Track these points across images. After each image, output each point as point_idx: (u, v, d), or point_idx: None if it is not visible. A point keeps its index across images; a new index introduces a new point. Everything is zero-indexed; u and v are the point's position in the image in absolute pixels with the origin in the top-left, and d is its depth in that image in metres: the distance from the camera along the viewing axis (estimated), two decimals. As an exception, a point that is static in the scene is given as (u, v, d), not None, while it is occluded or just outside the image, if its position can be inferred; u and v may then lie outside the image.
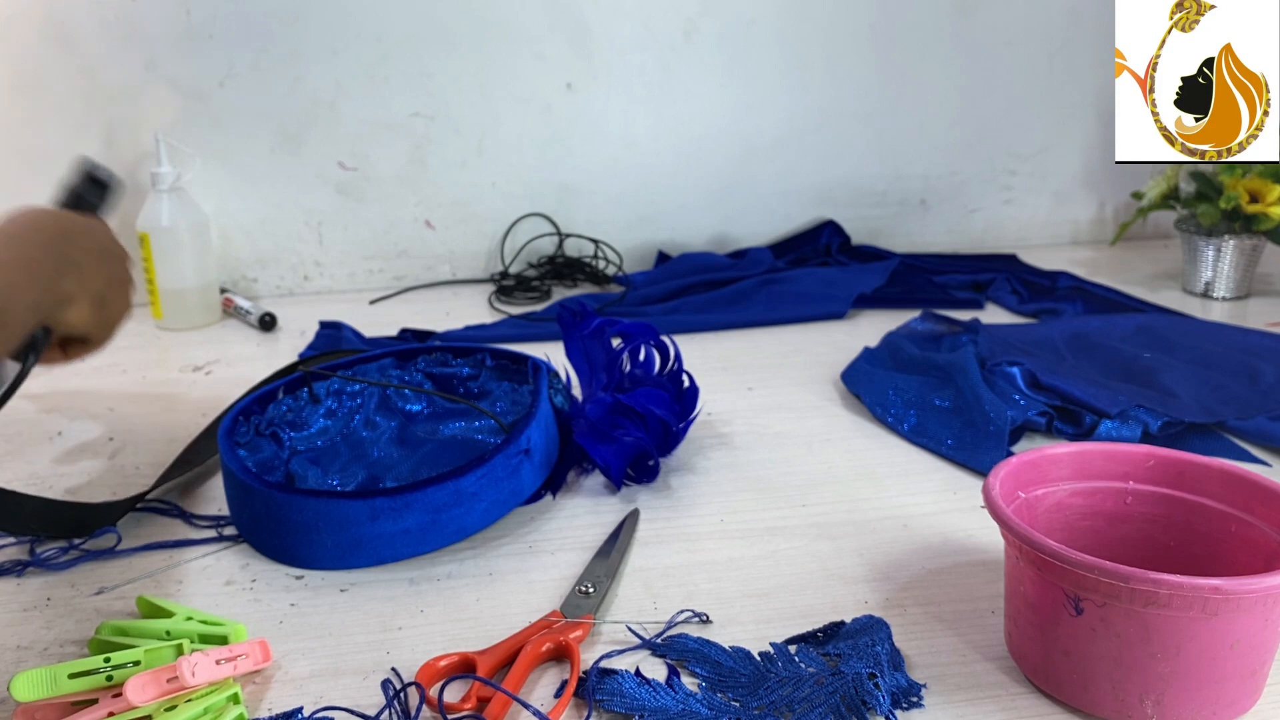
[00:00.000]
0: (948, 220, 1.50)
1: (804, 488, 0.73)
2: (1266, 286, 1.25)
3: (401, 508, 0.62)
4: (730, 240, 1.44)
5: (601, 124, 1.36)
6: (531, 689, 0.51)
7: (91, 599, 0.60)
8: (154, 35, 1.21)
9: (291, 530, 0.62)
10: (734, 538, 0.66)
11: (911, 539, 0.66)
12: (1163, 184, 1.26)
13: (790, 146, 1.42)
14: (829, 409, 0.89)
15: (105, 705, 0.47)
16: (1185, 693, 0.45)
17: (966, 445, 0.78)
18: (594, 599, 0.58)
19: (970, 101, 1.44)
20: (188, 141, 1.23)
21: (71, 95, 1.21)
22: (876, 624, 0.54)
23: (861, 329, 1.12)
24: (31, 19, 1.17)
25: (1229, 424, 0.81)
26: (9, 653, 0.55)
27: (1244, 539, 0.52)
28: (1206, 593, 0.43)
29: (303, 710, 0.49)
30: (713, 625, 0.56)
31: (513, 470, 0.66)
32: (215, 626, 0.54)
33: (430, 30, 1.27)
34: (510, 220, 1.36)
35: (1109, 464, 0.56)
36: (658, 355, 0.80)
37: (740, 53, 1.36)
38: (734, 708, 0.48)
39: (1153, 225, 1.53)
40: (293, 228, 1.31)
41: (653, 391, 0.76)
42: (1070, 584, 0.46)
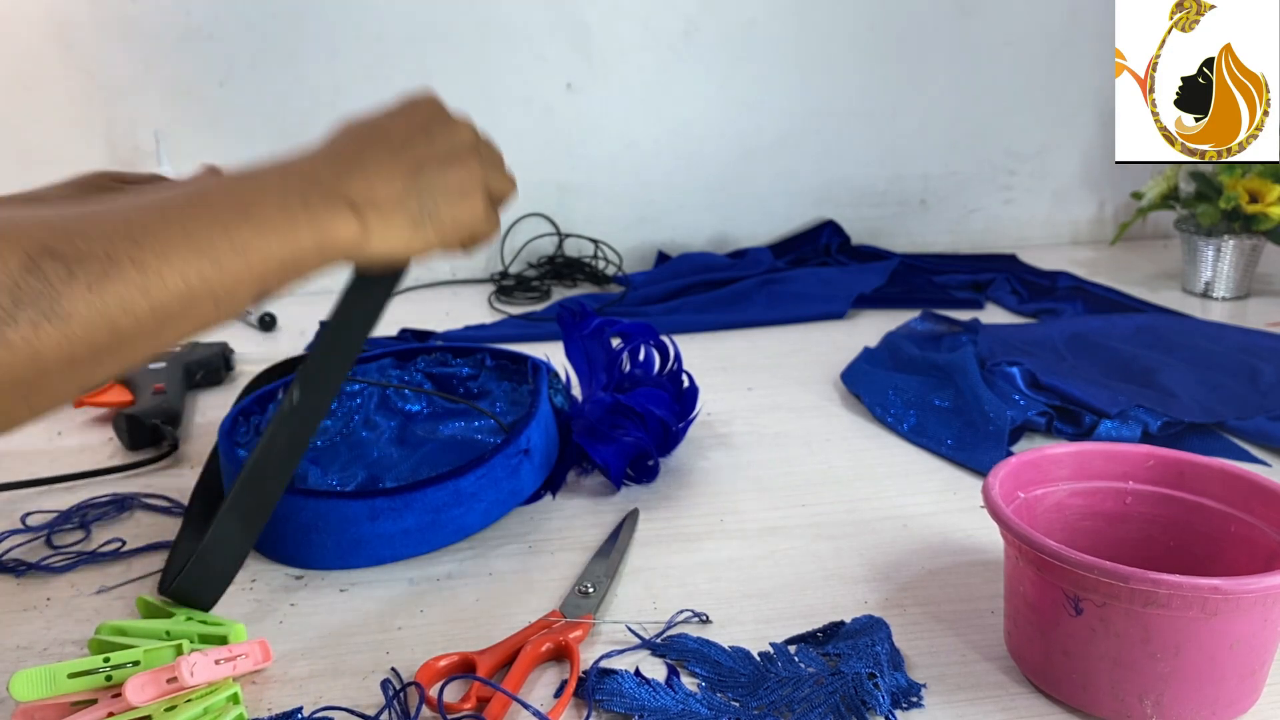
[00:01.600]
0: (948, 220, 1.50)
1: (804, 488, 0.73)
2: (1266, 286, 1.25)
3: (401, 508, 0.62)
4: (730, 240, 1.44)
5: (601, 124, 1.36)
6: (531, 689, 0.51)
7: (91, 599, 0.60)
8: (154, 35, 1.21)
9: (291, 530, 0.62)
10: (734, 538, 0.66)
11: (911, 539, 0.66)
12: (1163, 184, 1.26)
13: (790, 146, 1.42)
14: (829, 409, 0.89)
15: (105, 705, 0.47)
16: (1185, 693, 0.45)
17: (966, 445, 0.78)
18: (594, 599, 0.58)
19: (970, 101, 1.44)
20: (188, 141, 1.23)
21: (71, 95, 1.21)
22: (876, 624, 0.54)
23: (861, 329, 1.12)
24: (31, 19, 1.17)
25: (1229, 424, 0.81)
26: (9, 652, 0.55)
27: (1244, 539, 0.52)
28: (1206, 593, 0.43)
29: (302, 710, 0.49)
30: (712, 625, 0.56)
31: (512, 470, 0.66)
32: (215, 626, 0.54)
33: (430, 30, 1.27)
34: (510, 220, 1.36)
35: (1109, 464, 0.56)
36: (657, 355, 0.80)
37: (740, 53, 1.36)
38: (734, 708, 0.48)
39: (1153, 225, 1.53)
40: (293, 228, 1.31)
41: (652, 391, 0.76)
42: (1070, 584, 0.46)
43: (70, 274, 0.38)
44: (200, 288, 0.42)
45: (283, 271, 0.46)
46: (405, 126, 0.52)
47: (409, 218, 0.50)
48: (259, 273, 0.45)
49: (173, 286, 0.41)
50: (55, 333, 0.38)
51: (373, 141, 0.51)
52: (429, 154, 0.52)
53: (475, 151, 0.54)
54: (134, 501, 0.72)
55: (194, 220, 0.43)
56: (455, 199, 0.52)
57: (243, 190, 0.46)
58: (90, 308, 0.39)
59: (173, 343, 0.43)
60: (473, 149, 0.54)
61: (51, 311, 0.38)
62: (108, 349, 0.40)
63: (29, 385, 0.39)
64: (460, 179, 0.52)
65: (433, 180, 0.51)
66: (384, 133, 0.52)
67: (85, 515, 0.70)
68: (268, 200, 0.46)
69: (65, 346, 0.39)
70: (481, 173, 0.54)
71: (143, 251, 0.41)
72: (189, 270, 0.42)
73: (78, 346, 0.39)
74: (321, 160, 0.50)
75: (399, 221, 0.50)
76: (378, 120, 0.53)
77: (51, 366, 0.39)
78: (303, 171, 0.49)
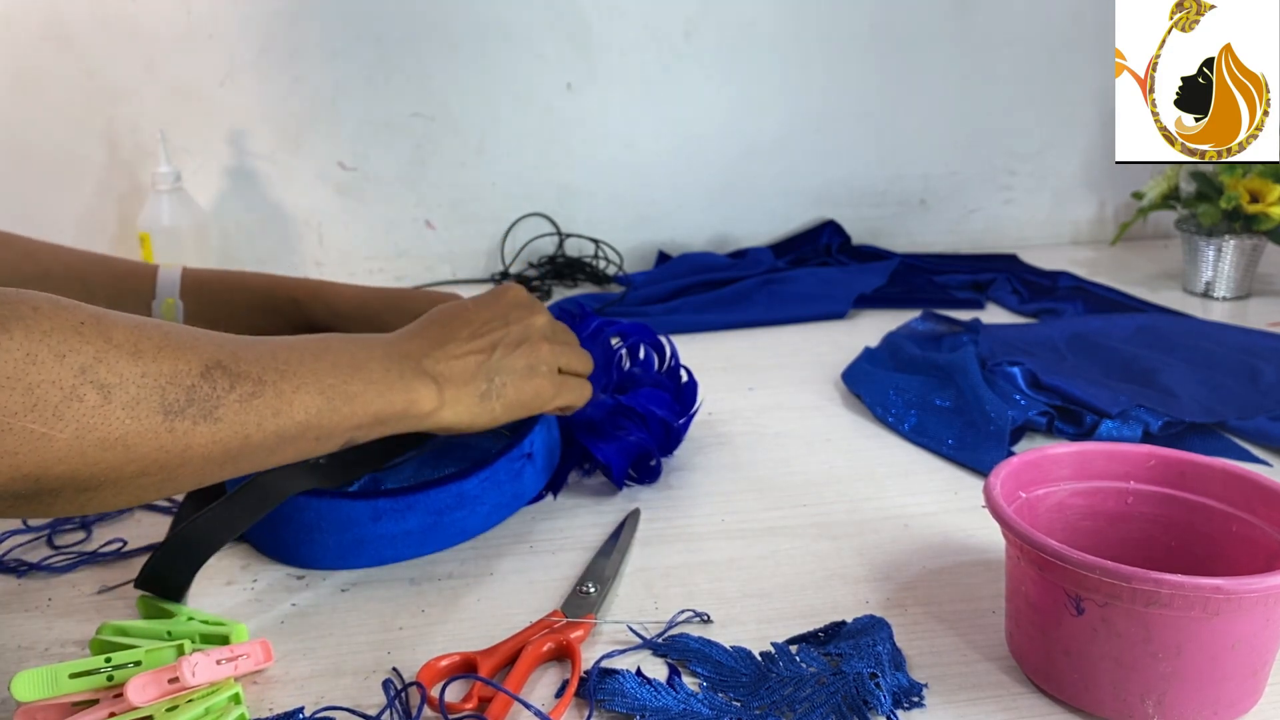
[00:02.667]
0: (948, 220, 1.50)
1: (805, 487, 0.73)
2: (1267, 286, 1.26)
3: (404, 509, 0.62)
4: (730, 240, 1.44)
5: (601, 124, 1.36)
6: (533, 689, 0.51)
7: (92, 599, 0.60)
8: (154, 35, 1.21)
9: (294, 530, 0.62)
10: (735, 537, 0.66)
11: (912, 539, 0.66)
12: (1163, 184, 1.27)
13: (790, 146, 1.42)
14: (829, 409, 0.89)
15: (106, 705, 0.47)
16: (1186, 693, 0.45)
17: (967, 445, 0.78)
18: (595, 599, 0.58)
19: (970, 101, 1.44)
20: (188, 141, 1.23)
21: (71, 95, 1.21)
22: (877, 624, 0.54)
23: (862, 329, 1.12)
24: (31, 19, 1.17)
25: (1230, 424, 0.81)
26: (10, 652, 0.55)
27: (1245, 539, 0.52)
28: (1208, 593, 0.43)
29: (304, 710, 0.49)
30: (714, 625, 0.56)
31: (515, 474, 0.66)
32: (216, 626, 0.54)
33: (430, 30, 1.27)
34: (510, 220, 1.36)
35: (1110, 464, 0.56)
36: (655, 355, 0.80)
37: (740, 53, 1.36)
38: (735, 707, 0.48)
39: (1153, 225, 1.53)
40: (293, 228, 1.31)
41: (653, 392, 0.76)
42: (1071, 584, 0.46)
43: (231, 387, 0.46)
44: (314, 421, 0.51)
45: (372, 424, 0.54)
46: (487, 314, 0.62)
47: (478, 394, 0.59)
48: (357, 420, 0.53)
49: (297, 415, 0.50)
50: (207, 432, 0.46)
51: (456, 326, 0.60)
52: (503, 338, 0.61)
53: (545, 337, 0.63)
54: (135, 502, 0.72)
55: (321, 365, 0.52)
56: (521, 378, 0.61)
57: (355, 350, 0.55)
58: (237, 417, 0.47)
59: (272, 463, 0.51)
60: (543, 334, 0.63)
61: (210, 414, 0.46)
62: (233, 457, 0.48)
63: (170, 471, 0.45)
64: (528, 360, 0.62)
65: (502, 362, 0.60)
66: (466, 319, 0.61)
67: (86, 515, 0.70)
68: (374, 364, 0.55)
69: (209, 446, 0.46)
70: (550, 354, 0.63)
71: (284, 382, 0.49)
72: (310, 405, 0.50)
73: (216, 448, 0.46)
74: (415, 338, 0.59)
75: (469, 397, 0.59)
76: (465, 307, 0.62)
77: (193, 459, 0.46)
78: (400, 345, 0.58)
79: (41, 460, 0.41)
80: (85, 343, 0.42)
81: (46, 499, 0.43)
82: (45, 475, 0.41)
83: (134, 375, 0.43)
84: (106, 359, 0.42)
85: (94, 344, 0.42)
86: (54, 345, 0.41)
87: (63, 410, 0.40)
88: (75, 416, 0.41)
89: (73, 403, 0.41)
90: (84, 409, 0.41)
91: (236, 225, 1.29)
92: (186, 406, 0.45)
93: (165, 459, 0.44)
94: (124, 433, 0.42)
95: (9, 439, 0.39)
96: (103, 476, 0.43)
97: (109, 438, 0.42)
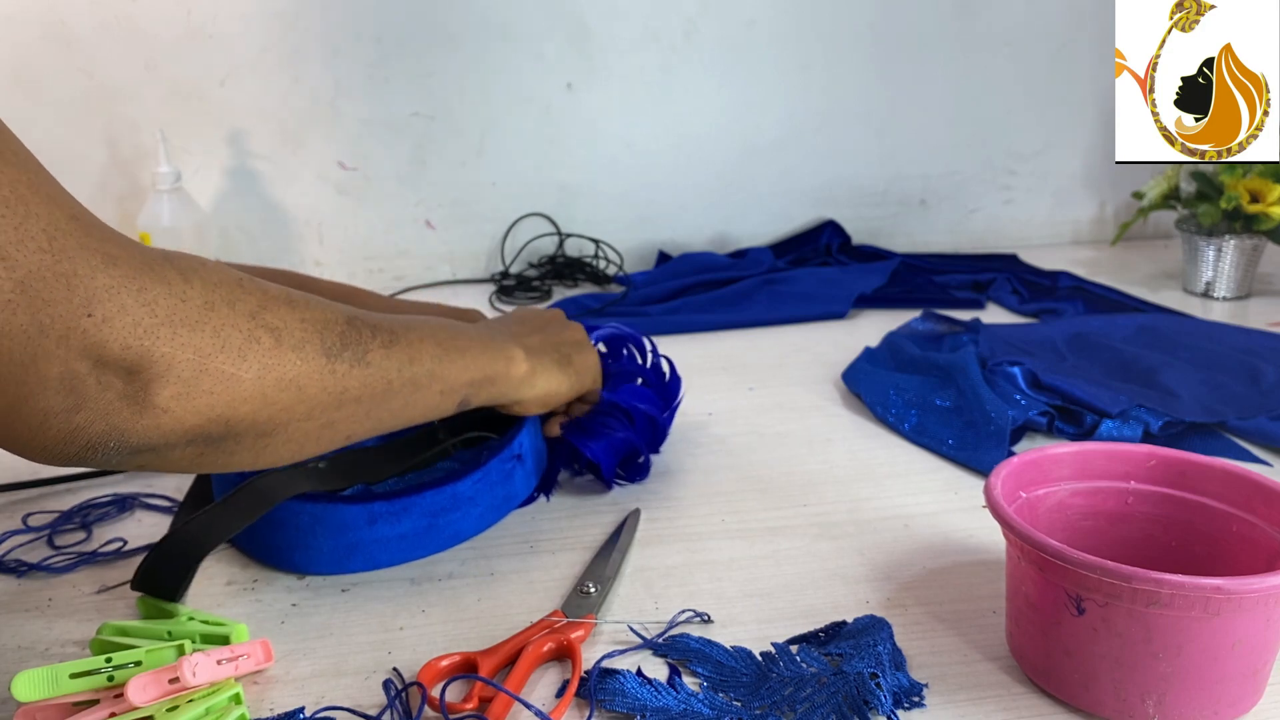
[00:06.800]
0: (948, 220, 1.50)
1: (805, 487, 0.73)
2: (1267, 286, 1.26)
3: (399, 512, 0.62)
4: (730, 240, 1.44)
5: (601, 124, 1.36)
6: (533, 689, 0.51)
7: (92, 599, 0.60)
8: (154, 35, 1.21)
9: (289, 535, 0.62)
10: (735, 537, 0.66)
11: (913, 539, 0.66)
12: (1163, 184, 1.26)
13: (790, 146, 1.42)
14: (830, 409, 0.89)
15: (106, 706, 0.47)
16: (1187, 692, 0.45)
17: (968, 445, 0.78)
18: (595, 599, 0.58)
19: (970, 101, 1.44)
20: (188, 141, 1.23)
21: (71, 95, 1.21)
22: (878, 624, 0.54)
23: (862, 329, 1.12)
24: (31, 19, 1.17)
25: (1230, 424, 0.81)
26: (10, 653, 0.55)
27: (1245, 539, 0.52)
28: (1208, 592, 0.43)
29: (304, 710, 0.49)
30: (714, 625, 0.56)
31: (506, 475, 0.66)
32: (217, 626, 0.54)
33: (430, 30, 1.27)
34: (510, 220, 1.36)
35: (1110, 464, 0.56)
36: (636, 352, 0.80)
37: (740, 53, 1.36)
38: (736, 707, 0.48)
39: (1153, 225, 1.53)
40: (293, 228, 1.31)
41: (638, 389, 0.75)
42: (1072, 584, 0.46)
43: (373, 335, 0.52)
44: (438, 371, 0.57)
45: (482, 382, 0.61)
46: (542, 319, 0.73)
47: (556, 362, 0.68)
48: (469, 378, 0.60)
49: (426, 363, 0.56)
50: (360, 375, 0.51)
51: (524, 321, 0.72)
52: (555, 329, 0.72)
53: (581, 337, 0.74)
54: (135, 502, 0.72)
55: (429, 327, 0.58)
56: (580, 350, 0.71)
57: (460, 326, 0.62)
58: (383, 362, 0.52)
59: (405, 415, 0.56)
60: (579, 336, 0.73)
61: (362, 358, 0.51)
62: (379, 402, 0.53)
63: (329, 415, 0.50)
64: (576, 337, 0.72)
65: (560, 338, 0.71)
66: (530, 319, 0.72)
67: (86, 515, 0.70)
68: (470, 331, 0.62)
69: (361, 389, 0.51)
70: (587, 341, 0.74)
71: (410, 333, 0.55)
72: (433, 353, 0.56)
73: (366, 391, 0.52)
74: (501, 324, 0.70)
75: (552, 365, 0.68)
76: (527, 312, 0.74)
77: (348, 402, 0.51)
78: (495, 326, 0.68)
79: (231, 399, 0.44)
80: (248, 294, 0.46)
81: (230, 443, 0.46)
82: (233, 416, 0.45)
83: (295, 321, 0.47)
84: (269, 306, 0.47)
85: (255, 295, 0.46)
86: (225, 294, 0.45)
87: (245, 351, 0.45)
88: (256, 357, 0.45)
89: (252, 344, 0.45)
90: (261, 350, 0.45)
91: (236, 225, 1.29)
92: (343, 350, 0.50)
93: (327, 400, 0.49)
94: (296, 374, 0.47)
95: (205, 379, 0.43)
96: (278, 419, 0.47)
97: (284, 378, 0.46)
